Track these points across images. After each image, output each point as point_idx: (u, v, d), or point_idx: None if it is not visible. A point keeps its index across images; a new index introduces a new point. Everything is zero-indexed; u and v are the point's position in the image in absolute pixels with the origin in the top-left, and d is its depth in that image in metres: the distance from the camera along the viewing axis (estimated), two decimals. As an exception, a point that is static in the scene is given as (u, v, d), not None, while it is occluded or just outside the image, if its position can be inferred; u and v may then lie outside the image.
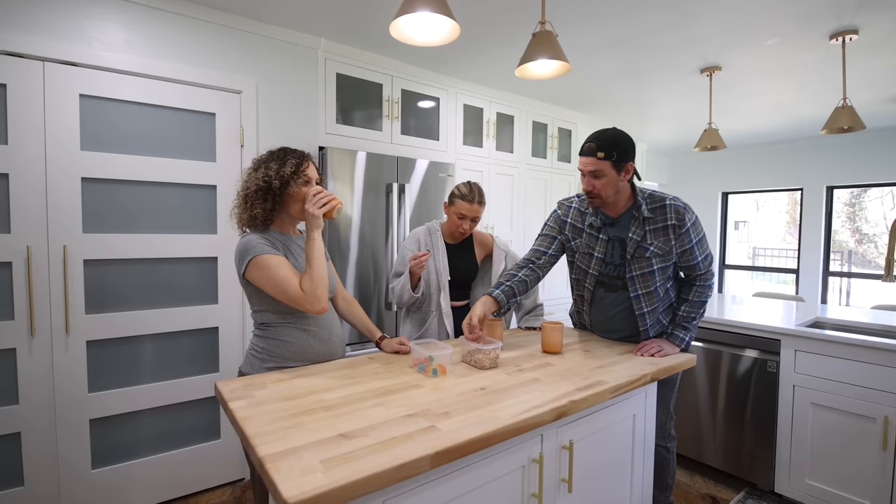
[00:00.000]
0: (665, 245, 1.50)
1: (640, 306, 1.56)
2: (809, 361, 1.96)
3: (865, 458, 1.82)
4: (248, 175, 1.31)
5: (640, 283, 1.54)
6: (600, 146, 1.42)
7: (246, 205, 1.28)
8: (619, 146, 1.43)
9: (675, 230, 1.48)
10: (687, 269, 1.58)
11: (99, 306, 1.84)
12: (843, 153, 4.37)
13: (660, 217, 1.49)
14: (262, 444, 0.82)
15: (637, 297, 1.55)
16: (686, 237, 1.49)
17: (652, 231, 1.50)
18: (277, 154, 1.31)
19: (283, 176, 1.27)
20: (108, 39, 1.83)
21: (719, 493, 2.15)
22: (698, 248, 1.53)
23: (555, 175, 3.72)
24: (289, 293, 1.20)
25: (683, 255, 1.53)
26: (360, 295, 2.44)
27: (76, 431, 1.80)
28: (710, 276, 1.58)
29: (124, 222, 1.89)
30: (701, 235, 1.53)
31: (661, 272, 1.53)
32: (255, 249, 1.23)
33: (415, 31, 1.35)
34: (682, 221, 1.47)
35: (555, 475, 1.13)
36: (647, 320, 1.58)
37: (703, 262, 1.55)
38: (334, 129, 2.48)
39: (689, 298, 1.57)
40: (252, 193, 1.27)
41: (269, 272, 1.20)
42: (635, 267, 1.53)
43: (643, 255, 1.51)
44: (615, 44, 2.39)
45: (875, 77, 2.79)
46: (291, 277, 1.21)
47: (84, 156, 1.79)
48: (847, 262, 5.79)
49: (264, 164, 1.29)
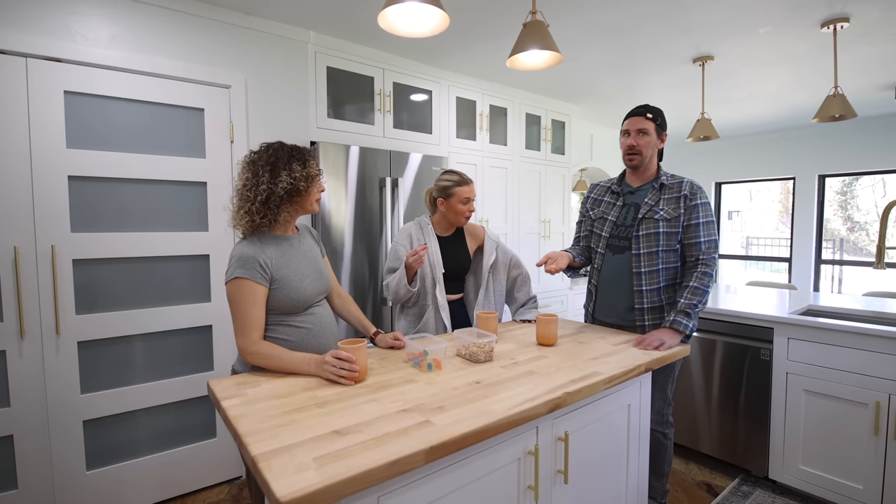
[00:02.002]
0: (674, 212, 1.62)
1: (637, 265, 1.64)
2: (802, 349, 1.97)
3: (857, 444, 1.84)
4: (262, 178, 1.22)
5: (644, 242, 1.64)
6: (649, 109, 1.66)
7: (267, 209, 1.23)
8: (661, 115, 1.68)
9: (686, 200, 1.61)
10: (689, 248, 1.63)
11: (89, 306, 1.82)
12: (835, 142, 4.39)
13: (675, 188, 1.64)
14: (255, 443, 0.81)
15: (637, 255, 1.65)
16: (694, 212, 1.60)
17: (666, 199, 1.64)
18: (289, 152, 1.26)
19: (311, 177, 1.27)
20: (92, 35, 1.79)
21: (714, 480, 2.18)
22: (703, 229, 1.60)
23: (549, 167, 3.71)
24: (240, 331, 1.19)
25: (688, 231, 1.61)
26: (355, 290, 2.43)
27: (69, 433, 1.78)
28: (710, 263, 1.61)
29: (113, 221, 1.87)
30: (709, 219, 1.62)
31: (666, 237, 1.62)
32: (245, 269, 1.20)
33: (403, 21, 1.33)
34: (694, 195, 1.61)
35: (551, 467, 1.13)
36: (642, 283, 1.63)
37: (704, 244, 1.60)
38: (325, 124, 2.45)
39: (690, 284, 1.58)
40: (277, 197, 1.23)
41: (241, 303, 1.19)
42: (643, 227, 1.65)
43: (652, 217, 1.64)
44: (607, 34, 2.38)
45: (866, 65, 2.80)
46: (254, 320, 1.20)
47: (70, 153, 1.76)
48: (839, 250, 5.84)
49: (285, 166, 1.23)
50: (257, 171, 1.23)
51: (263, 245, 1.25)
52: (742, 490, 2.09)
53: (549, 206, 3.72)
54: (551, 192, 3.73)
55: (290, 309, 1.27)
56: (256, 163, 1.25)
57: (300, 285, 1.27)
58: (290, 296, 1.25)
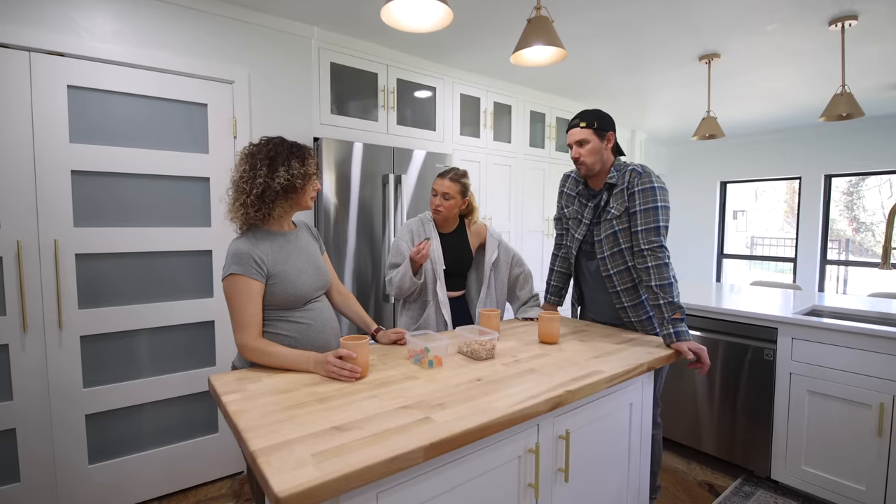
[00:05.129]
0: (622, 206, 1.57)
1: (606, 268, 1.63)
2: (806, 349, 1.96)
3: (861, 445, 1.83)
4: (259, 171, 1.22)
5: (606, 244, 1.62)
6: (583, 117, 1.60)
7: (262, 203, 1.23)
8: (599, 117, 1.60)
9: (627, 191, 1.56)
10: (633, 238, 1.55)
11: (92, 301, 1.82)
12: (842, 142, 4.34)
13: (620, 181, 1.59)
14: (255, 438, 0.81)
15: (603, 258, 1.63)
16: (632, 200, 1.54)
17: (615, 196, 1.59)
18: (289, 148, 1.26)
19: (308, 175, 1.27)
20: (96, 29, 1.79)
21: (716, 480, 2.17)
22: (641, 216, 1.52)
23: (553, 165, 3.69)
24: (237, 328, 1.19)
25: (631, 220, 1.56)
26: (358, 287, 2.43)
27: (72, 427, 1.79)
28: (656, 252, 1.50)
29: (116, 216, 1.87)
30: (649, 205, 1.51)
31: (623, 234, 1.58)
32: (234, 267, 1.20)
33: (406, 16, 1.32)
34: (632, 184, 1.55)
35: (551, 465, 1.13)
36: (616, 284, 1.62)
37: (644, 233, 1.51)
38: (329, 120, 2.45)
39: (650, 284, 1.50)
40: (273, 192, 1.23)
41: (238, 299, 1.19)
42: (602, 230, 1.63)
43: (606, 218, 1.61)
44: (613, 32, 2.36)
45: (874, 64, 2.76)
46: (251, 316, 1.20)
47: (73, 148, 1.76)
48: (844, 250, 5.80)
49: (283, 162, 1.23)
50: (255, 164, 1.23)
51: (258, 241, 1.25)
52: (744, 490, 2.08)
53: (553, 205, 3.70)
54: (555, 191, 3.71)
55: (288, 304, 1.26)
56: (255, 156, 1.24)
57: (298, 280, 1.27)
58: (287, 291, 1.25)
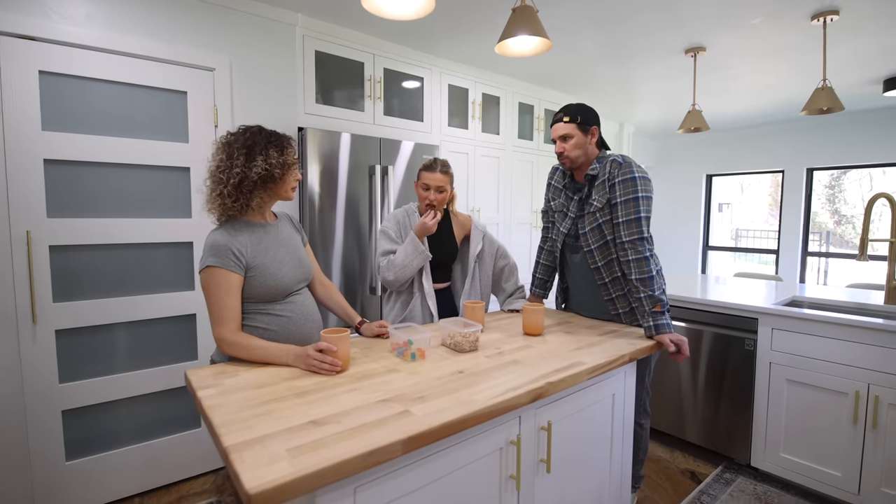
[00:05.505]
0: (604, 198, 1.57)
1: (593, 260, 1.64)
2: (785, 339, 1.99)
3: (837, 432, 1.87)
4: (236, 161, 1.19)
5: (591, 237, 1.62)
6: (566, 112, 1.59)
7: (239, 193, 1.20)
8: (582, 111, 1.59)
9: (608, 183, 1.56)
10: (615, 230, 1.55)
11: (68, 294, 1.78)
12: (824, 135, 4.41)
13: (602, 172, 1.58)
14: (228, 434, 0.79)
15: (590, 251, 1.63)
16: (613, 191, 1.54)
17: (596, 188, 1.59)
18: (267, 137, 1.23)
19: (287, 164, 1.24)
20: (68, 12, 1.72)
21: (698, 468, 2.21)
22: (622, 208, 1.51)
23: (542, 157, 3.68)
24: (215, 321, 1.17)
25: (613, 212, 1.56)
26: (345, 279, 2.40)
27: (48, 423, 1.75)
28: (636, 245, 1.50)
29: (93, 206, 1.82)
30: (629, 196, 1.50)
31: (607, 226, 1.58)
32: (211, 259, 1.17)
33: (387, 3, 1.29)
34: (613, 175, 1.54)
35: (533, 456, 1.13)
36: (603, 275, 1.63)
37: (625, 224, 1.51)
38: (314, 110, 2.40)
39: (630, 277, 1.52)
40: (251, 182, 1.20)
41: (215, 292, 1.16)
42: (587, 223, 1.63)
43: (590, 211, 1.61)
44: (600, 23, 2.34)
45: (855, 58, 2.79)
46: (230, 309, 1.17)
47: (46, 136, 1.70)
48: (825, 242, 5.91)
49: (261, 151, 1.20)
50: (232, 153, 1.20)
51: (237, 233, 1.22)
52: (725, 477, 2.12)
53: (542, 197, 3.70)
54: (544, 183, 3.70)
55: (268, 297, 1.24)
56: (232, 145, 1.21)
57: (278, 272, 1.25)
58: (267, 283, 1.23)
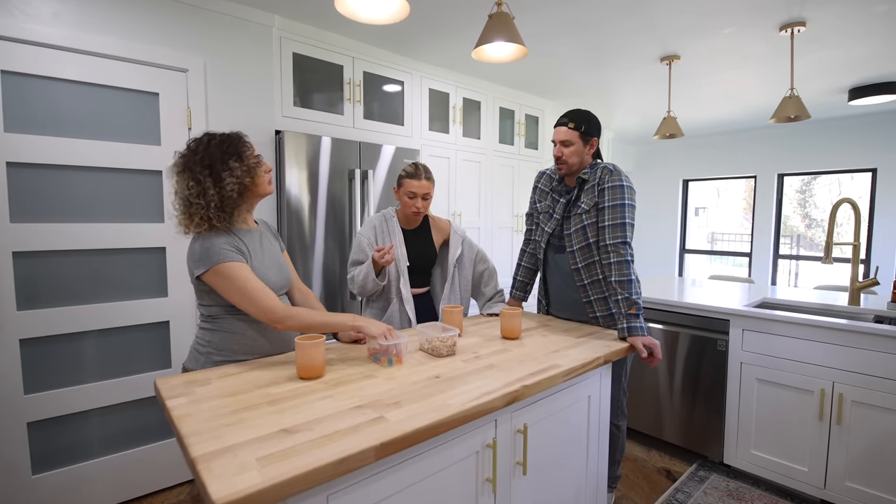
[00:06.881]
0: (591, 201, 1.63)
1: (575, 261, 1.68)
2: (755, 340, 2.05)
3: (804, 429, 1.94)
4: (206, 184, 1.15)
5: (575, 238, 1.67)
6: (572, 118, 1.63)
7: (223, 212, 1.18)
8: (588, 121, 1.63)
9: (598, 187, 1.62)
10: (600, 234, 1.61)
11: (33, 302, 1.71)
12: (794, 142, 4.58)
13: (592, 177, 1.65)
14: (196, 444, 0.77)
15: (573, 252, 1.68)
16: (601, 196, 1.61)
17: (586, 191, 1.66)
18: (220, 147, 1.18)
19: (251, 168, 1.22)
20: (33, 10, 1.67)
21: (673, 467, 2.26)
22: (609, 212, 1.58)
23: (522, 162, 3.72)
24: (260, 304, 1.15)
25: (599, 216, 1.62)
26: (324, 285, 2.38)
27: (12, 436, 1.68)
28: (619, 248, 1.56)
29: (60, 211, 1.76)
30: (617, 202, 1.57)
31: (592, 229, 1.64)
32: (220, 255, 1.14)
33: (362, 7, 1.29)
34: (603, 180, 1.61)
35: (509, 459, 1.14)
36: (583, 277, 1.67)
37: (610, 228, 1.57)
38: (292, 112, 2.38)
39: (612, 281, 1.56)
40: (231, 201, 1.18)
41: (240, 282, 1.14)
42: (572, 224, 1.68)
43: (576, 213, 1.67)
44: (576, 29, 2.39)
45: (821, 68, 2.91)
46: (266, 289, 1.17)
47: (9, 138, 1.64)
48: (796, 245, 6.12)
49: (223, 166, 1.16)
50: (197, 177, 1.15)
51: (230, 235, 1.21)
52: (699, 475, 2.17)
53: (523, 201, 3.74)
54: (525, 187, 3.74)
55: None
56: (192, 168, 1.16)
57: (264, 277, 1.23)
58: None
